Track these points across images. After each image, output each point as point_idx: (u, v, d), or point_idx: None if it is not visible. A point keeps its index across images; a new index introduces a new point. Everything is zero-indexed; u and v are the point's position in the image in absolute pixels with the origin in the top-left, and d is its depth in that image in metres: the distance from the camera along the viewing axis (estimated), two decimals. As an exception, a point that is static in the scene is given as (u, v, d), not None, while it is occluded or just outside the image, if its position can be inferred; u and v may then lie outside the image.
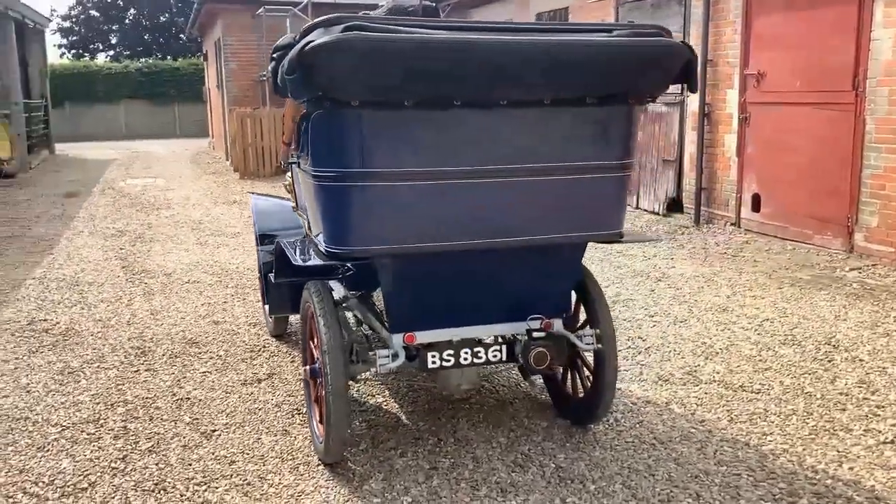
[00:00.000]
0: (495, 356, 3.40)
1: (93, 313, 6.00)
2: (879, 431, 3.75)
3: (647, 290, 6.44)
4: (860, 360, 4.70)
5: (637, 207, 10.50)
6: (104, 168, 18.49)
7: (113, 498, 3.27)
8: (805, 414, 3.97)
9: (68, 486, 3.36)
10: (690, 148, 9.45)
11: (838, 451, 3.56)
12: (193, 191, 13.87)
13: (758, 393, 4.25)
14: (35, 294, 6.60)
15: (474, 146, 3.01)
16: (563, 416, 3.95)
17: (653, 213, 10.11)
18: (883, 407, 4.02)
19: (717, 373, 4.55)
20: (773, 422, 3.89)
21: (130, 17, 37.82)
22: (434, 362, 3.33)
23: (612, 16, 10.85)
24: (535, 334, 3.38)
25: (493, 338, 3.50)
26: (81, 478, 3.43)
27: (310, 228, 3.84)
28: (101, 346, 5.23)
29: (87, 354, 5.05)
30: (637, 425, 3.89)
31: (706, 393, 4.26)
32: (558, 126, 3.09)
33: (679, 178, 9.74)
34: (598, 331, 3.56)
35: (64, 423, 4.00)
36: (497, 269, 3.31)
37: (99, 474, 3.46)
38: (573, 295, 3.80)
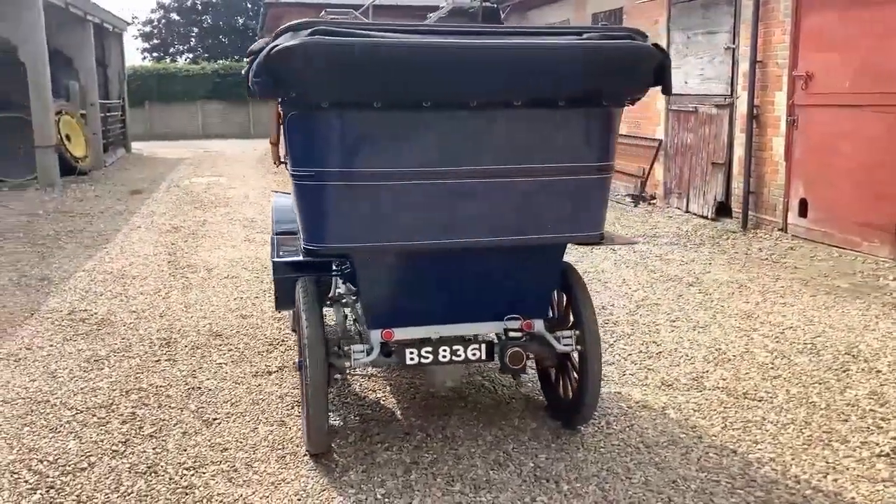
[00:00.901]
0: (474, 355, 3.45)
1: (130, 305, 6.28)
2: (877, 444, 3.64)
3: (676, 294, 6.35)
4: (878, 371, 4.55)
5: (687, 211, 10.32)
6: (174, 166, 19.15)
7: (107, 478, 3.44)
8: (803, 424, 3.88)
9: (69, 466, 3.56)
10: (739, 151, 9.25)
11: (827, 463, 3.48)
12: (253, 189, 14.25)
13: (760, 401, 4.17)
14: (81, 285, 6.94)
15: (446, 147, 3.07)
16: (554, 418, 3.96)
17: (701, 216, 9.93)
18: (888, 419, 3.90)
19: (724, 379, 4.48)
20: (767, 430, 3.82)
21: (208, 21, 39.13)
22: (412, 359, 3.40)
23: (664, 16, 10.70)
24: (512, 334, 3.42)
25: (473, 336, 3.55)
26: (83, 458, 3.63)
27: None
28: (130, 336, 5.47)
29: (116, 344, 5.30)
30: (627, 429, 3.87)
31: (706, 399, 4.21)
32: (531, 128, 3.12)
33: (728, 182, 9.54)
34: (577, 332, 3.56)
35: (79, 408, 4.21)
36: (474, 269, 3.36)
37: (99, 456, 3.65)
38: (564, 296, 3.82)
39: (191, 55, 41.16)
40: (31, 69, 13.47)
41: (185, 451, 3.70)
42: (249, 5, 39.70)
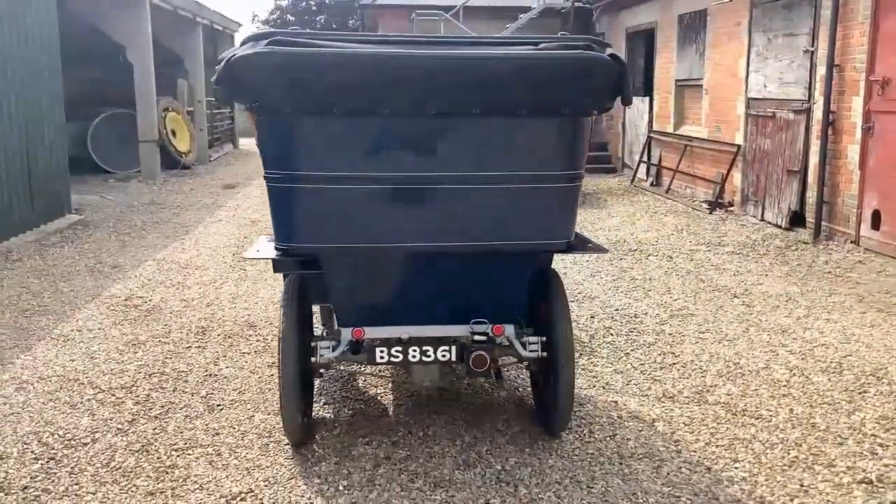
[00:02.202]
0: (444, 356, 3.52)
1: (183, 294, 6.66)
2: (863, 470, 3.48)
3: (716, 306, 6.19)
4: (898, 394, 4.33)
5: (762, 219, 9.96)
6: (273, 162, 19.88)
7: (103, 454, 3.72)
8: (793, 444, 3.75)
9: (74, 440, 3.86)
10: (814, 158, 8.86)
11: (801, 486, 3.36)
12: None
13: (758, 419, 4.05)
14: (147, 273, 7.40)
15: (406, 153, 3.17)
16: (538, 423, 3.98)
17: (775, 226, 9.56)
18: (886, 446, 3.72)
19: (729, 395, 4.36)
20: (752, 449, 3.71)
21: (321, 22, 40.37)
22: (382, 357, 3.51)
23: (746, 17, 10.35)
24: (477, 338, 3.47)
25: (447, 338, 3.62)
26: (89, 434, 3.93)
27: None
28: (172, 323, 5.82)
29: (157, 329, 5.65)
30: (608, 438, 3.85)
31: (702, 414, 4.12)
32: (491, 136, 3.18)
33: (803, 191, 9.15)
34: (543, 339, 3.58)
35: (103, 387, 4.54)
36: (440, 273, 3.44)
37: (104, 433, 3.94)
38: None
39: (305, 54, 42.07)
40: (137, 69, 14.34)
41: (182, 433, 3.95)
42: (359, 6, 40.45)
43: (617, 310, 6.09)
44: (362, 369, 4.67)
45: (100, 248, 8.64)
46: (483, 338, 3.48)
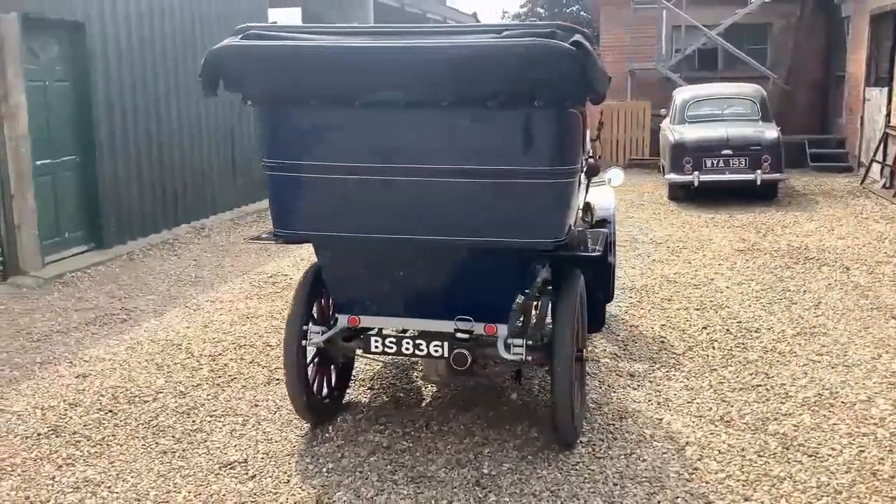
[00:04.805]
0: (437, 351, 3.48)
1: (321, 275, 7.07)
2: (897, 532, 2.93)
3: (861, 326, 5.41)
4: None
5: None
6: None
7: (152, 412, 4.14)
8: (833, 490, 3.24)
9: (139, 398, 4.32)
10: None
11: (805, 538, 2.90)
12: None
13: (811, 457, 3.54)
14: (304, 254, 7.92)
15: (381, 145, 3.17)
16: (553, 431, 3.79)
17: None
18: (952, 508, 3.08)
19: (796, 426, 3.84)
20: (779, 489, 3.26)
21: (572, 13, 40.23)
22: (377, 347, 3.55)
23: None
24: (460, 335, 3.38)
25: (438, 333, 3.56)
26: (154, 393, 4.38)
27: None
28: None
29: (276, 306, 6.08)
30: (623, 456, 3.58)
31: (749, 444, 3.68)
32: (463, 128, 3.08)
33: None
34: (529, 342, 3.39)
35: (194, 354, 5.01)
36: (427, 267, 3.39)
37: (166, 394, 4.37)
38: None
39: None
40: (359, 64, 15.32)
41: (228, 401, 4.26)
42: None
43: (739, 322, 5.55)
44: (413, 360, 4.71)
45: (282, 228, 9.40)
46: (466, 336, 3.39)
